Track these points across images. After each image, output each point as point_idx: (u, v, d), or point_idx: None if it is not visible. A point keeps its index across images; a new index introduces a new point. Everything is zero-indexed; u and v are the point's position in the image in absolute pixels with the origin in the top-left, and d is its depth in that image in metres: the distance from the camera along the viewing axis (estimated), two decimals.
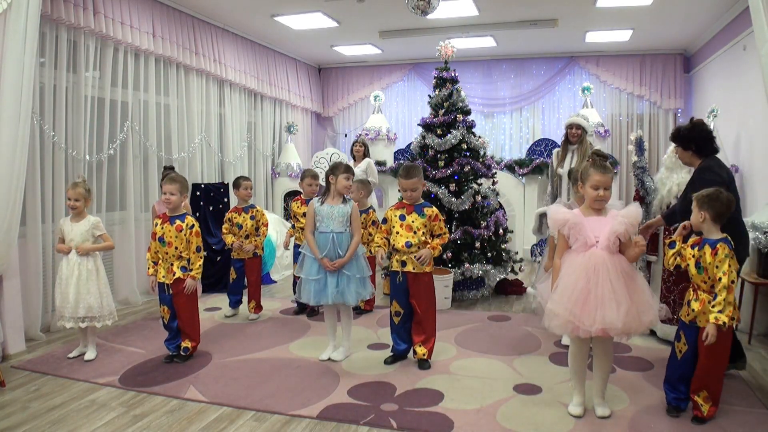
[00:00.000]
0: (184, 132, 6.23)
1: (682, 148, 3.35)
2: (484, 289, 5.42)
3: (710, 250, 2.69)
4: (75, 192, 3.73)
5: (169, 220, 3.64)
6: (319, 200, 3.65)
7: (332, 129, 9.74)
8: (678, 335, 2.86)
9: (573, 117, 5.10)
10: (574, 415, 2.87)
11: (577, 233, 2.77)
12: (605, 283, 2.64)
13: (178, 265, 3.64)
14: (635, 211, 2.74)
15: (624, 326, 2.62)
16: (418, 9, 5.08)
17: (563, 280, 2.75)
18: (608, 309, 2.60)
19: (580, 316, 2.64)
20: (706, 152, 3.28)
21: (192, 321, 3.76)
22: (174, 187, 3.64)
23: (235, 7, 6.17)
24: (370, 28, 7.10)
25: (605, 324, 2.61)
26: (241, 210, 4.80)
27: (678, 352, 2.85)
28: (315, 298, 3.54)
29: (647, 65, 8.25)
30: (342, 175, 3.59)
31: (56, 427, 2.84)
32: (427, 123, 5.52)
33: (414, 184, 3.52)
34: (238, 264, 4.84)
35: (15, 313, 3.95)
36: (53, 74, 4.60)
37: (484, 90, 8.84)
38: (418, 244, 3.51)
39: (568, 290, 2.69)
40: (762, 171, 5.65)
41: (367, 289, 3.62)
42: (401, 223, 3.56)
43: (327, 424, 2.86)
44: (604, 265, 2.67)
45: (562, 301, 2.69)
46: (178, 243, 3.61)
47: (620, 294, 2.63)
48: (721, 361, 2.78)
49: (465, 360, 3.75)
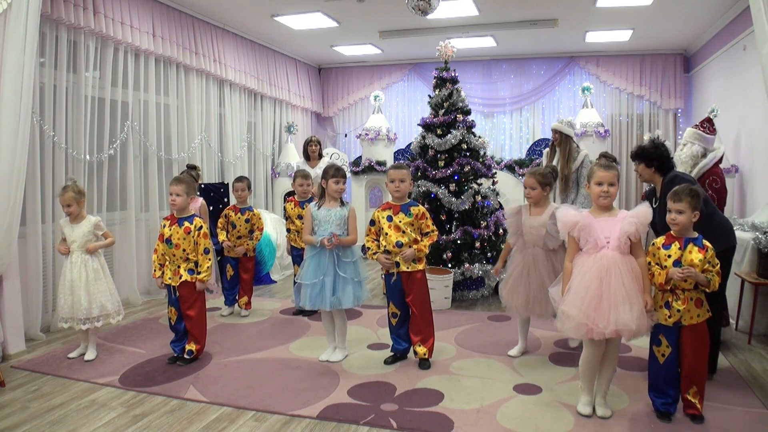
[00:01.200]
0: (184, 132, 6.24)
1: (645, 165, 3.48)
2: (484, 289, 5.42)
3: (697, 248, 2.70)
4: (64, 198, 3.69)
5: (177, 221, 3.62)
6: (316, 205, 3.67)
7: (332, 129, 9.74)
8: (657, 340, 2.81)
9: (555, 122, 5.50)
10: (583, 414, 2.87)
11: (587, 235, 2.79)
12: (618, 284, 2.66)
13: (185, 267, 3.61)
14: (645, 211, 2.76)
15: (637, 327, 2.64)
16: (418, 9, 5.08)
17: (575, 282, 2.76)
18: (622, 310, 2.62)
19: (594, 318, 2.65)
20: (666, 170, 3.44)
21: (199, 323, 3.72)
22: (180, 188, 3.62)
23: (235, 7, 6.17)
24: (370, 28, 7.10)
25: (619, 325, 2.63)
26: (238, 210, 4.82)
27: (660, 356, 2.81)
28: (311, 302, 3.53)
29: (647, 65, 8.25)
30: (332, 179, 3.62)
31: (56, 427, 2.84)
32: (427, 123, 5.52)
33: (403, 175, 3.55)
34: (233, 261, 4.87)
35: (15, 313, 3.95)
36: (53, 74, 4.60)
37: (484, 90, 8.84)
38: (409, 243, 3.53)
39: (582, 292, 2.71)
40: (762, 171, 5.65)
41: (363, 292, 3.63)
42: (389, 224, 3.57)
43: (327, 424, 2.86)
44: (615, 265, 2.69)
45: (575, 303, 2.71)
46: (185, 245, 3.60)
47: (633, 295, 2.65)
48: (706, 353, 2.80)
49: (465, 360, 3.75)
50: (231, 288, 4.93)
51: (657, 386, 2.85)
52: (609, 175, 2.82)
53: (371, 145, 7.99)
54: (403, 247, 3.52)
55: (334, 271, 3.53)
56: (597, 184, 2.83)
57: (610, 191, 2.82)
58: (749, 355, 3.79)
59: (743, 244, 4.21)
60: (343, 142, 9.56)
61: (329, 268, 3.53)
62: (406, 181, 3.57)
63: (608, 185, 2.81)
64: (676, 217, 2.73)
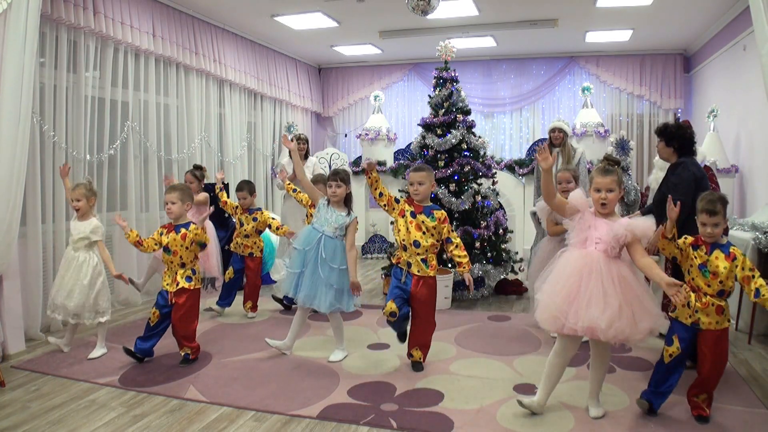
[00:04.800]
0: (184, 132, 6.24)
1: (665, 143, 3.50)
2: (484, 289, 5.43)
3: (723, 255, 2.67)
4: (75, 192, 3.76)
5: (174, 229, 3.62)
6: (326, 199, 3.70)
7: (332, 129, 9.74)
8: (669, 340, 2.78)
9: (555, 121, 5.49)
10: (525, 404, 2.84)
11: (582, 227, 2.76)
12: (596, 284, 2.61)
13: (183, 274, 3.61)
14: (644, 225, 2.66)
15: (609, 328, 2.55)
16: (418, 9, 5.08)
17: (556, 273, 2.74)
18: (594, 309, 2.56)
19: (566, 311, 2.62)
20: (685, 152, 3.44)
21: (186, 330, 3.66)
22: (174, 196, 3.60)
23: (235, 7, 6.18)
24: (370, 28, 7.10)
25: (589, 322, 2.57)
26: (246, 211, 4.81)
27: (668, 355, 2.77)
28: (287, 289, 3.61)
29: (647, 65, 8.26)
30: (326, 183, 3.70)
31: (56, 427, 2.84)
32: (427, 123, 5.52)
33: (422, 177, 3.48)
34: (237, 265, 4.84)
35: (15, 313, 3.95)
36: (53, 74, 4.60)
37: (484, 90, 8.85)
38: (427, 247, 3.47)
39: (559, 284, 2.69)
40: (762, 171, 5.65)
41: (344, 302, 3.57)
42: (411, 220, 3.49)
43: (327, 424, 2.86)
44: (598, 266, 2.64)
45: (550, 292, 2.70)
46: (182, 252, 3.59)
47: (611, 297, 2.57)
48: (723, 369, 2.77)
49: (465, 360, 3.75)
50: (228, 291, 4.88)
51: (658, 385, 2.82)
52: (606, 181, 2.72)
53: (371, 145, 7.99)
54: (420, 247, 3.45)
55: (315, 269, 3.53)
56: (596, 191, 2.76)
57: (609, 198, 2.72)
58: (749, 355, 3.80)
59: (743, 244, 4.21)
60: (343, 142, 9.56)
61: (312, 266, 3.54)
62: (425, 183, 3.49)
63: (606, 191, 2.72)
64: (713, 230, 2.68)
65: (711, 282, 2.70)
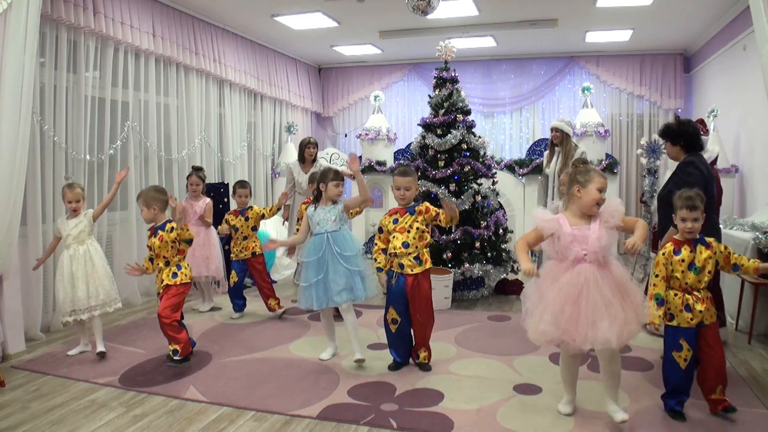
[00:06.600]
0: (184, 132, 6.23)
1: (671, 143, 3.49)
2: (484, 289, 5.43)
3: (704, 247, 2.73)
4: (74, 194, 3.79)
5: (153, 232, 3.63)
6: (312, 207, 3.69)
7: (332, 129, 9.73)
8: (678, 345, 2.74)
9: (555, 121, 5.54)
10: (563, 413, 2.87)
11: (564, 249, 2.65)
12: (596, 299, 2.53)
13: (168, 272, 3.62)
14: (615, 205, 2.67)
15: (619, 340, 2.52)
16: (418, 9, 5.08)
17: (551, 299, 2.62)
18: (600, 326, 2.50)
19: (572, 333, 2.55)
20: (693, 148, 3.43)
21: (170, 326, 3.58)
22: (139, 202, 3.67)
23: (235, 7, 6.17)
24: (370, 28, 7.10)
25: (599, 343, 2.52)
26: (238, 212, 4.82)
27: (682, 361, 2.74)
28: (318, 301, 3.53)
29: (647, 65, 8.25)
30: (332, 182, 3.62)
31: (56, 427, 2.84)
32: (427, 123, 5.52)
33: (408, 183, 3.49)
34: (239, 267, 4.84)
35: (15, 313, 3.95)
36: (53, 74, 4.60)
37: (484, 90, 8.84)
38: (415, 243, 3.49)
39: (558, 311, 2.58)
40: (762, 171, 5.65)
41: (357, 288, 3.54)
42: (395, 227, 3.52)
43: (327, 424, 2.86)
44: (594, 279, 2.56)
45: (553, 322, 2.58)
46: (164, 252, 3.60)
47: (614, 308, 2.53)
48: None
49: (465, 360, 3.75)
50: (237, 295, 4.89)
51: (677, 390, 2.80)
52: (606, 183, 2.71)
53: (371, 145, 7.99)
54: (409, 247, 3.48)
55: (336, 266, 3.52)
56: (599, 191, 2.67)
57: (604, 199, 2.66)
58: (749, 355, 3.79)
59: (743, 244, 4.21)
60: (343, 142, 9.56)
61: (331, 265, 3.53)
62: (411, 189, 3.50)
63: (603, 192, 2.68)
64: (693, 225, 2.70)
65: (702, 278, 2.73)
